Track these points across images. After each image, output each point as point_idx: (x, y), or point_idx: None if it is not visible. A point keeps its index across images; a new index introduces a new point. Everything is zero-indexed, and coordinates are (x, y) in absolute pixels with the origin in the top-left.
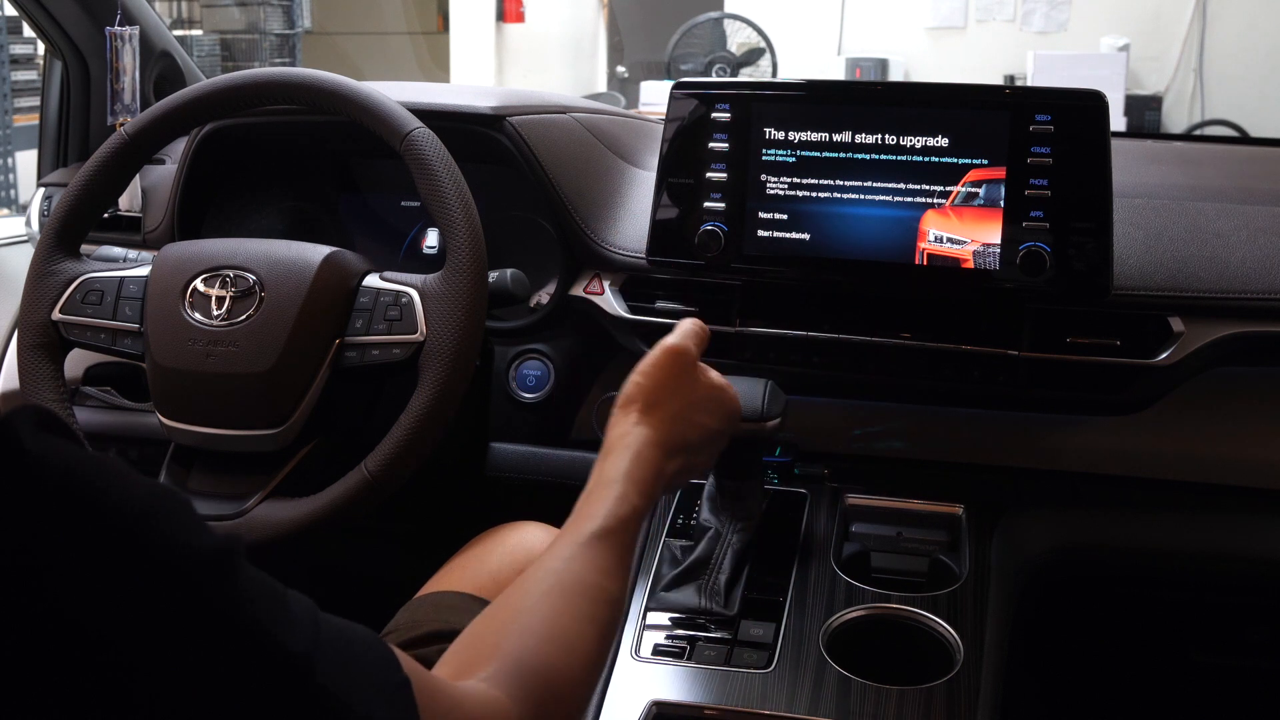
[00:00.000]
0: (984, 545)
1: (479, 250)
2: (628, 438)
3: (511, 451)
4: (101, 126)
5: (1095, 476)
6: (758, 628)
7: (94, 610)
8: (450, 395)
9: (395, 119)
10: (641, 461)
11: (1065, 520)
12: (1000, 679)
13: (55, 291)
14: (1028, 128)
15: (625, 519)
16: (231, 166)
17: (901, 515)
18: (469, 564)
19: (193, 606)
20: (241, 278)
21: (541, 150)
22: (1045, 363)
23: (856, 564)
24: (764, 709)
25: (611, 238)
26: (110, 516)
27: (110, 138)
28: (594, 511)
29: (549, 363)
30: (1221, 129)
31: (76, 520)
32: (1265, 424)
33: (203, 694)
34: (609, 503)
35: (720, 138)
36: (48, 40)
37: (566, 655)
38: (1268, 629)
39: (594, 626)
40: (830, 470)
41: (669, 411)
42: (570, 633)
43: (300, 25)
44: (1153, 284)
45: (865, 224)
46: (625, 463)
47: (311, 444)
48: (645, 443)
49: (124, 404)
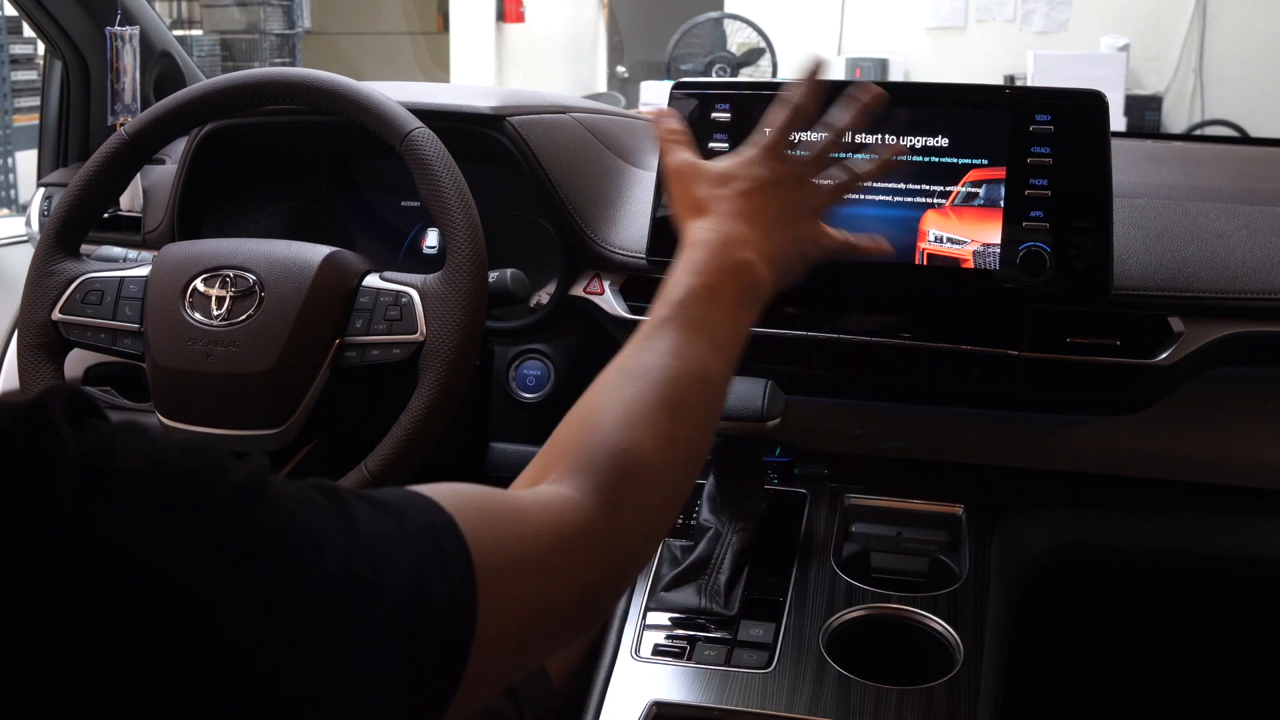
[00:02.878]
0: (984, 545)
1: (479, 250)
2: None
3: (511, 451)
4: (101, 126)
5: (1095, 476)
6: (758, 628)
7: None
8: (450, 395)
9: (395, 119)
10: (690, 250)
11: (1065, 520)
12: (1000, 679)
13: (55, 291)
14: (1028, 128)
15: (680, 300)
16: (231, 166)
17: (901, 515)
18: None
19: (226, 544)
20: (241, 278)
21: (541, 150)
22: (1045, 363)
23: (856, 564)
24: (764, 709)
25: (611, 238)
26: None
27: (110, 138)
28: (654, 308)
29: (549, 363)
30: (1221, 129)
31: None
32: (1265, 424)
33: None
34: (665, 291)
35: (720, 138)
36: (48, 40)
37: (636, 435)
38: (1268, 629)
39: (667, 406)
40: (830, 470)
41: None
42: (639, 415)
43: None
44: (1153, 284)
45: (865, 224)
46: (682, 255)
47: (312, 444)
48: (693, 234)
49: (124, 404)
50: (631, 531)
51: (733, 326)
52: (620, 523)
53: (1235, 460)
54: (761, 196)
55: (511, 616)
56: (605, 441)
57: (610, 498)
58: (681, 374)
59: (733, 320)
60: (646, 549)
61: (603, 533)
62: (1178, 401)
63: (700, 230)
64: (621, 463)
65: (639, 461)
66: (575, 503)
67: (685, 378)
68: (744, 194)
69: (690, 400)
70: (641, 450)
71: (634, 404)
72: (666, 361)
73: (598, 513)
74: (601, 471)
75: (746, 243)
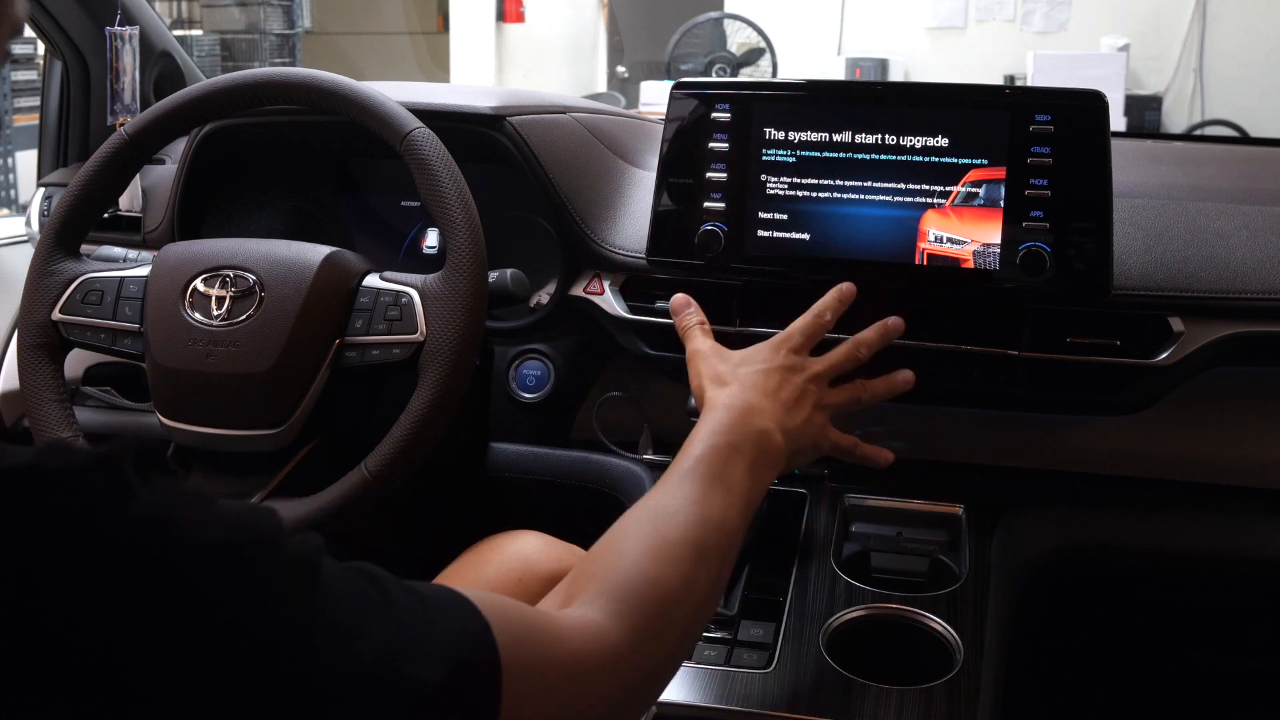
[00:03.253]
0: (984, 545)
1: (479, 250)
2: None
3: (511, 451)
4: (101, 126)
5: (1095, 476)
6: (758, 628)
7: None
8: (450, 395)
9: (395, 119)
10: (713, 412)
11: (1065, 520)
12: (1000, 679)
13: (55, 291)
14: (1028, 128)
15: (702, 455)
16: (231, 166)
17: (901, 515)
18: (465, 573)
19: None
20: (241, 278)
21: (541, 150)
22: (1045, 363)
23: (856, 564)
24: (764, 709)
25: (611, 238)
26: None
27: (110, 138)
28: (677, 460)
29: (549, 363)
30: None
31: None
32: (1265, 424)
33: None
34: (688, 447)
35: (720, 138)
36: (48, 40)
37: (662, 569)
38: (1268, 629)
39: (690, 546)
40: (830, 470)
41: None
42: (664, 551)
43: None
44: (1153, 284)
45: (865, 224)
46: (703, 418)
47: (312, 444)
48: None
49: (124, 404)
50: (654, 659)
51: (750, 484)
52: (645, 651)
53: (1235, 460)
54: (780, 378)
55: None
56: (633, 572)
57: (637, 626)
58: (703, 520)
59: (750, 479)
60: (666, 677)
61: (628, 659)
62: (1178, 401)
63: (723, 396)
64: (648, 593)
65: (664, 594)
66: (604, 628)
67: (706, 524)
68: (764, 372)
69: (710, 545)
70: (666, 584)
71: (660, 541)
72: (690, 507)
73: (624, 640)
74: (629, 600)
75: (765, 413)
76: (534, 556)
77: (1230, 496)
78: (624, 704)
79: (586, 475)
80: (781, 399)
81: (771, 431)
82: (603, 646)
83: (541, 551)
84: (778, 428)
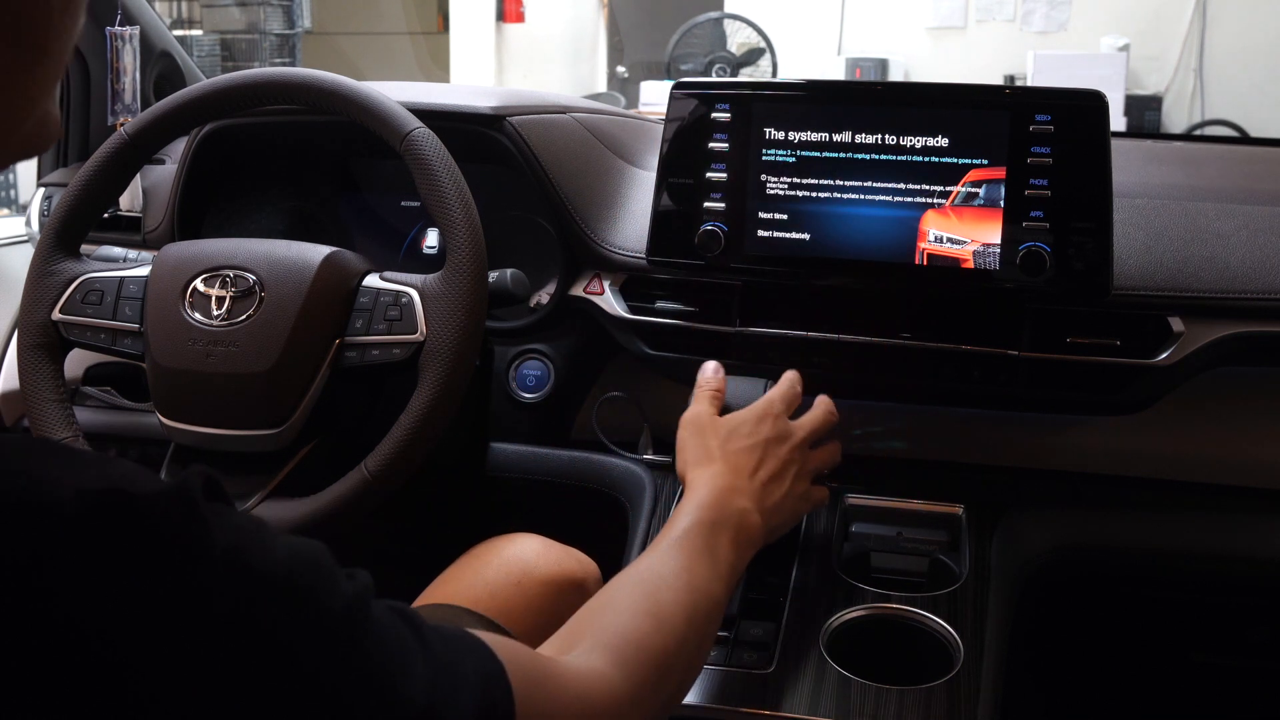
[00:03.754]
0: (984, 545)
1: (479, 250)
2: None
3: (511, 451)
4: (101, 126)
5: (1095, 476)
6: (758, 628)
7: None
8: (450, 395)
9: (395, 119)
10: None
11: (1065, 520)
12: (1000, 679)
13: (55, 291)
14: (1028, 128)
15: (689, 528)
16: (231, 166)
17: (901, 515)
18: (464, 575)
19: (333, 668)
20: (241, 278)
21: (541, 150)
22: (1045, 363)
23: (856, 564)
24: (764, 709)
25: (611, 238)
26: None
27: (110, 138)
28: (665, 531)
29: (549, 363)
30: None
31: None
32: (1265, 424)
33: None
34: (675, 520)
35: (720, 138)
36: None
37: (658, 626)
38: (1268, 629)
39: (681, 609)
40: (830, 470)
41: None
42: (658, 612)
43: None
44: (1153, 284)
45: (865, 224)
46: (688, 494)
47: (311, 444)
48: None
49: (124, 404)
50: (650, 711)
51: (733, 559)
52: (643, 702)
53: (1235, 460)
54: (761, 454)
55: None
56: (630, 628)
57: (636, 678)
58: (692, 587)
59: (733, 554)
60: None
61: (627, 705)
62: (1178, 401)
63: (706, 477)
64: (645, 649)
65: (659, 652)
66: (607, 676)
67: (695, 590)
68: (746, 450)
69: (699, 610)
70: (661, 642)
71: (654, 604)
72: (680, 575)
73: (626, 690)
74: (628, 653)
75: (743, 493)
76: (532, 559)
77: (1230, 496)
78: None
79: (586, 475)
80: (760, 479)
81: (749, 511)
82: (607, 693)
83: (540, 554)
84: (756, 508)
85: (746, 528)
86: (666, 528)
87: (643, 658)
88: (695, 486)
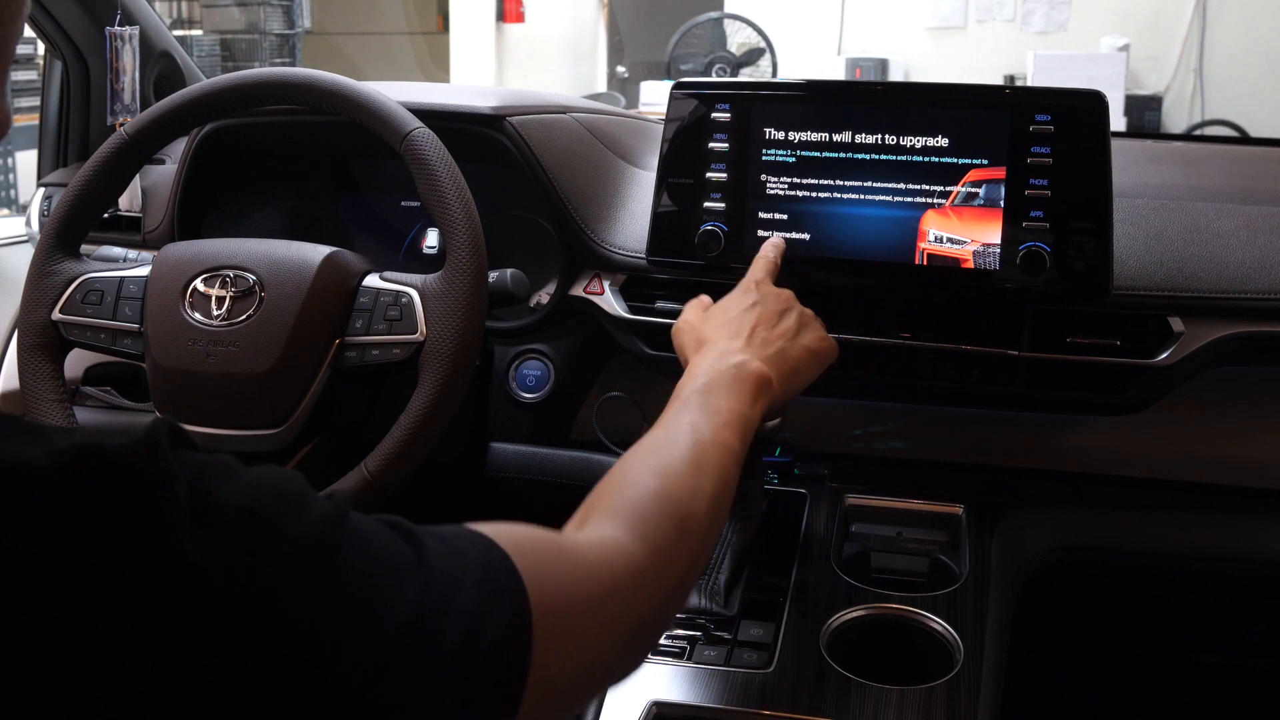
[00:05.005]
0: (984, 545)
1: (479, 250)
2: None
3: (511, 451)
4: (101, 126)
5: (1095, 476)
6: (758, 628)
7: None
8: (450, 395)
9: (395, 119)
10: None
11: (1065, 520)
12: (1000, 679)
13: (55, 291)
14: (1028, 128)
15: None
16: (231, 166)
17: (901, 515)
18: None
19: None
20: (241, 278)
21: (541, 150)
22: (1045, 363)
23: (856, 564)
24: (764, 709)
25: (611, 238)
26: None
27: (110, 138)
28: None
29: (549, 363)
30: (1221, 129)
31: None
32: (1265, 424)
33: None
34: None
35: (720, 138)
36: (48, 40)
37: (667, 484)
38: (1268, 629)
39: (689, 463)
40: (830, 470)
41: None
42: (666, 470)
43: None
44: (1152, 284)
45: (865, 224)
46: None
47: (312, 444)
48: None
49: (124, 404)
50: (672, 573)
51: (737, 407)
52: (663, 564)
53: (1235, 460)
54: (753, 317)
55: (563, 649)
56: (640, 492)
57: (653, 539)
58: (696, 441)
59: (737, 403)
60: (684, 592)
61: (649, 573)
62: (1178, 401)
63: (700, 356)
64: (658, 508)
65: (673, 507)
66: (622, 544)
67: (700, 443)
68: (735, 320)
69: (707, 459)
70: (674, 497)
71: (660, 463)
72: (686, 432)
73: (644, 554)
74: (642, 516)
75: (738, 350)
76: None
77: (1230, 496)
78: (652, 619)
79: (586, 475)
80: (760, 337)
81: (747, 361)
82: (625, 561)
83: None
84: (754, 356)
85: (746, 376)
86: (668, 406)
87: (658, 519)
88: (691, 367)
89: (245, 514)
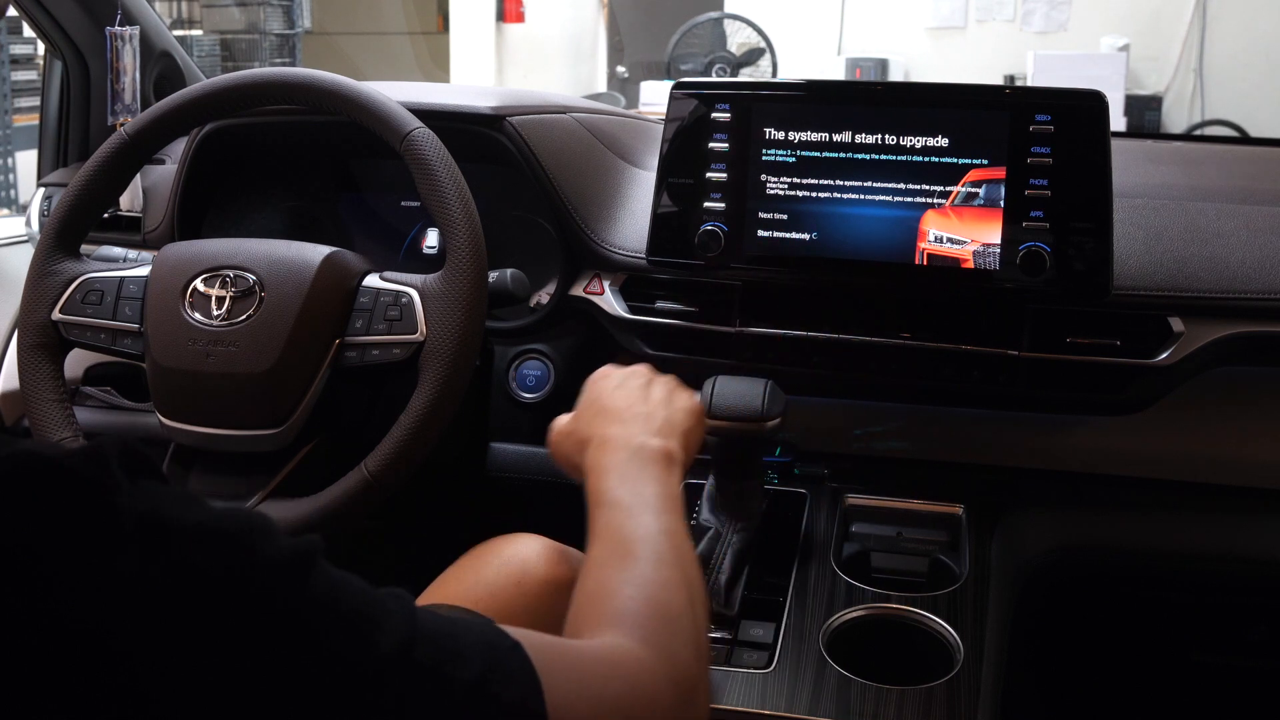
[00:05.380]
0: (984, 545)
1: (479, 250)
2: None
3: (511, 451)
4: (101, 126)
5: (1095, 476)
6: (758, 628)
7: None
8: (450, 395)
9: (395, 119)
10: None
11: (1065, 520)
12: (1000, 679)
13: (55, 291)
14: (1028, 128)
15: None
16: (231, 166)
17: (901, 515)
18: (464, 576)
19: (267, 617)
20: (241, 278)
21: (541, 150)
22: (1045, 363)
23: (856, 564)
24: (764, 709)
25: (611, 238)
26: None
27: (110, 138)
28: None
29: (549, 363)
30: (1221, 129)
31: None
32: (1265, 424)
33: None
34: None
35: (720, 138)
36: (48, 40)
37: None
38: (1268, 629)
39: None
40: (830, 470)
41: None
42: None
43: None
44: (1152, 284)
45: (865, 224)
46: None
47: (311, 444)
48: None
49: (124, 404)
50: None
51: (662, 490)
52: (665, 658)
53: (1235, 460)
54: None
55: None
56: (617, 600)
57: (646, 636)
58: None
59: (659, 486)
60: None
61: (663, 676)
62: (1178, 401)
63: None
64: (640, 609)
65: (659, 609)
66: (636, 653)
67: (651, 536)
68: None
69: (666, 553)
70: (654, 598)
71: (630, 569)
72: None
73: (655, 658)
74: (627, 618)
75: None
76: (532, 560)
77: (1230, 496)
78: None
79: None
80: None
81: (644, 444)
82: (642, 669)
83: (540, 555)
84: (647, 436)
85: (650, 456)
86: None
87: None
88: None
89: (205, 530)
